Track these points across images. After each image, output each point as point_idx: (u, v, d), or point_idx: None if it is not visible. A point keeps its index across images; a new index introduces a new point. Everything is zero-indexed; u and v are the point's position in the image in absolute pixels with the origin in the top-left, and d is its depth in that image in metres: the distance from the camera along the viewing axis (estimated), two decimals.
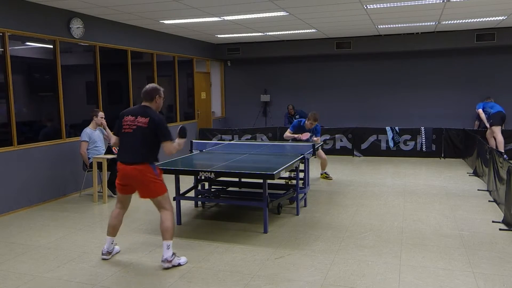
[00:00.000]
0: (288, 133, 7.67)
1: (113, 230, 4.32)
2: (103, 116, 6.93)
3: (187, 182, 6.52)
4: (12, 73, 6.18)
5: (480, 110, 8.79)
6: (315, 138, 7.63)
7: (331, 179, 7.93)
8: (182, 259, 4.18)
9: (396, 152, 10.24)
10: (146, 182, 4.03)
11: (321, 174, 8.08)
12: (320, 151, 7.80)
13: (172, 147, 4.08)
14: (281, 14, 7.77)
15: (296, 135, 7.56)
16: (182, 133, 4.24)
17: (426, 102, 11.52)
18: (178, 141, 4.17)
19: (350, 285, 3.67)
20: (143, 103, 4.21)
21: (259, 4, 6.91)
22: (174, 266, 4.08)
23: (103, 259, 4.30)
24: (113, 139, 4.31)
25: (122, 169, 4.08)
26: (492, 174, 6.33)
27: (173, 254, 4.12)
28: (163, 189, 4.13)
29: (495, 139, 8.89)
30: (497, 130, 8.63)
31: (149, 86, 4.26)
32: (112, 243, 4.35)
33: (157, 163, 4.18)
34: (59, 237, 5.06)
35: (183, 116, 11.01)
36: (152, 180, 4.04)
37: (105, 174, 6.66)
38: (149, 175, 4.02)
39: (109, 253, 4.33)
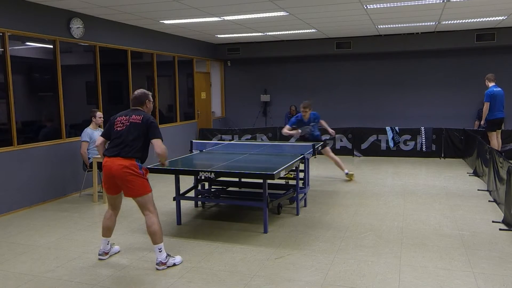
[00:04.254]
0: (285, 129, 7.57)
1: (107, 232, 4.31)
2: (101, 116, 6.92)
3: (187, 182, 6.52)
4: (12, 73, 6.18)
5: (486, 106, 8.50)
6: (330, 132, 7.87)
7: (353, 175, 7.95)
8: (177, 259, 4.18)
9: (396, 152, 10.24)
10: (129, 177, 3.97)
11: (346, 174, 7.89)
12: (328, 151, 7.81)
13: (163, 146, 4.07)
14: (281, 14, 7.77)
15: (293, 132, 7.55)
16: None
17: (426, 102, 11.52)
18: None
19: (350, 285, 3.67)
20: (133, 108, 4.25)
21: (259, 4, 6.91)
22: (169, 267, 4.08)
23: (100, 259, 4.31)
24: (99, 140, 4.29)
25: (107, 166, 4.02)
26: (492, 174, 6.33)
27: (167, 255, 4.12)
28: (146, 188, 4.07)
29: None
30: (492, 135, 8.62)
31: (138, 91, 4.30)
32: (108, 244, 4.34)
33: (143, 165, 4.12)
34: (59, 237, 5.06)
35: (183, 116, 11.01)
36: (134, 174, 3.98)
37: None
38: (133, 171, 3.98)
39: (105, 253, 4.32)
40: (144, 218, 4.16)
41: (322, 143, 7.44)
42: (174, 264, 4.12)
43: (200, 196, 6.08)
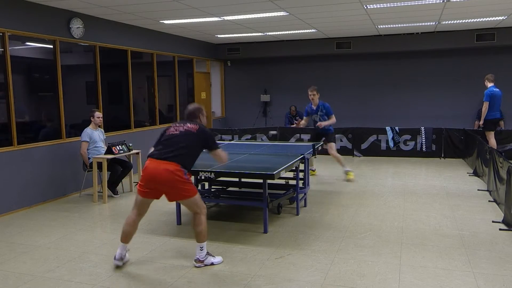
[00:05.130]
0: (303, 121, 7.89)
1: (127, 237, 4.09)
2: (100, 116, 6.92)
3: None
4: (12, 73, 6.18)
5: (486, 105, 8.56)
6: (326, 122, 7.63)
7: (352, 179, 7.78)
8: (217, 259, 4.17)
9: (396, 152, 10.24)
10: (175, 182, 3.87)
11: (347, 172, 7.81)
12: (331, 147, 7.69)
13: (223, 154, 4.21)
14: (281, 14, 7.77)
15: (299, 125, 7.76)
16: None
17: (426, 102, 11.52)
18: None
19: (350, 285, 3.67)
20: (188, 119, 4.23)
21: (259, 4, 6.91)
22: (206, 265, 4.08)
23: (116, 265, 4.09)
24: (151, 150, 4.15)
25: (151, 168, 3.89)
26: (492, 174, 6.33)
27: (207, 254, 4.12)
28: (193, 190, 4.00)
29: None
30: (490, 135, 8.65)
31: (192, 106, 4.28)
32: (125, 250, 4.13)
33: (188, 171, 4.03)
34: (59, 237, 5.06)
35: None
36: (181, 181, 3.88)
37: (105, 174, 6.66)
38: (179, 176, 3.87)
39: (121, 259, 4.09)
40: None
41: (322, 143, 7.42)
42: (212, 264, 4.11)
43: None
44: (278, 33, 10.28)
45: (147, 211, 4.18)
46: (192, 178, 5.31)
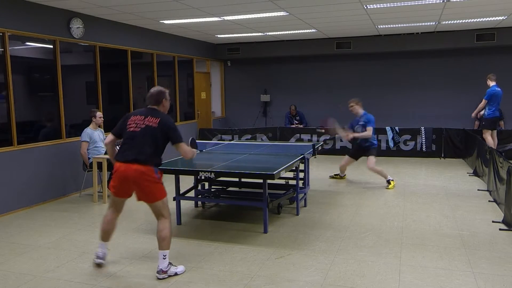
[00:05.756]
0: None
1: (106, 236, 3.98)
2: (101, 116, 6.93)
3: (187, 182, 6.52)
4: (12, 73, 6.18)
5: (484, 102, 8.57)
6: (358, 134, 7.28)
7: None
8: (179, 268, 3.97)
9: (396, 152, 10.24)
10: (146, 183, 3.75)
11: (389, 181, 7.21)
12: (370, 161, 7.22)
13: (189, 150, 3.91)
14: (281, 14, 7.77)
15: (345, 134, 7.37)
16: (194, 144, 4.40)
17: (426, 102, 11.52)
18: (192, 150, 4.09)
19: (350, 285, 3.67)
20: (149, 107, 3.97)
21: (259, 4, 6.91)
22: (170, 276, 3.87)
23: (99, 263, 3.91)
24: (108, 138, 4.02)
25: (122, 170, 3.77)
26: (492, 174, 6.33)
27: (169, 264, 3.90)
28: (162, 193, 3.86)
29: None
30: (487, 133, 8.66)
31: (154, 89, 4.02)
32: (106, 248, 4.00)
33: (159, 167, 3.91)
34: (59, 237, 5.06)
35: (183, 116, 11.01)
36: (152, 181, 3.77)
37: (105, 174, 6.66)
38: (150, 176, 3.76)
39: (104, 257, 3.95)
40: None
41: (322, 143, 7.41)
42: (176, 274, 3.91)
43: (200, 196, 6.09)
44: (278, 33, 10.28)
45: (130, 204, 4.13)
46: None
